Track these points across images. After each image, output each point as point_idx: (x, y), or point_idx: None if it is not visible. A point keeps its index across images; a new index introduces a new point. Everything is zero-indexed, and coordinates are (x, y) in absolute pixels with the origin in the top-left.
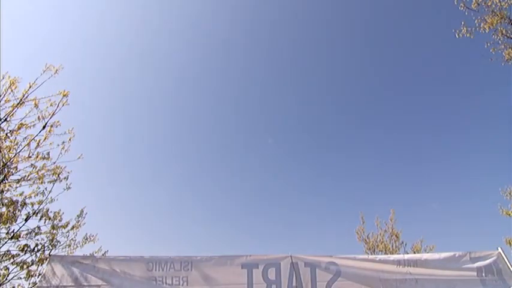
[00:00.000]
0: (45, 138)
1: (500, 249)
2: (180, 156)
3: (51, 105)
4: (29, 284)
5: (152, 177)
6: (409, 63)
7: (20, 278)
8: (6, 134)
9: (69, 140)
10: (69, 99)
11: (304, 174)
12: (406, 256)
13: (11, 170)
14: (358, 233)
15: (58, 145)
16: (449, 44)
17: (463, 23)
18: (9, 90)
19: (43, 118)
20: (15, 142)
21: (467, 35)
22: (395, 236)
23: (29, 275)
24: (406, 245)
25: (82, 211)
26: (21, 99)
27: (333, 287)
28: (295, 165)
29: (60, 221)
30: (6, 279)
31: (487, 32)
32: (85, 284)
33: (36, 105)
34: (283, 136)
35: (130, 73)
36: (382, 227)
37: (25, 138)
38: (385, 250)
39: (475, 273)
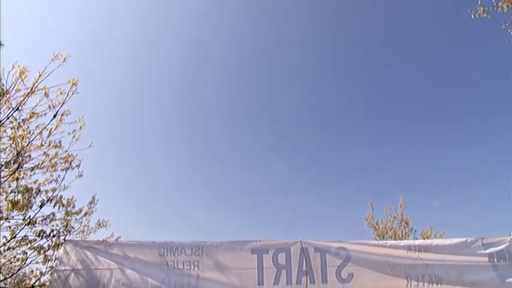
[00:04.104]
0: (56, 127)
1: None
2: (190, 144)
3: (60, 93)
4: (46, 268)
5: (162, 164)
6: (422, 50)
7: (38, 263)
8: (19, 123)
9: (80, 128)
10: (78, 88)
11: (314, 162)
12: (417, 242)
13: (25, 158)
14: (367, 220)
15: (69, 133)
16: (464, 27)
17: (479, 2)
18: (19, 80)
19: (54, 107)
20: (28, 131)
21: (484, 15)
22: (405, 222)
23: (46, 260)
24: (415, 231)
25: (94, 198)
26: (31, 89)
27: (343, 272)
28: (304, 153)
29: (73, 207)
30: (25, 263)
31: (505, 11)
32: (99, 267)
33: (46, 94)
34: (292, 126)
35: (139, 61)
36: (392, 214)
37: (37, 126)
38: (395, 236)
39: (487, 259)
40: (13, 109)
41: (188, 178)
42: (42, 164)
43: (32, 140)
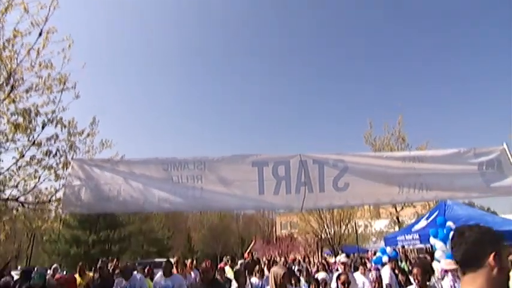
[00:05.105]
0: (43, 46)
1: (504, 145)
2: (187, 59)
3: (41, 8)
4: (59, 185)
5: (161, 81)
6: None
7: (50, 180)
8: (4, 44)
9: (69, 46)
10: (62, 3)
11: (316, 79)
12: (412, 153)
13: (18, 80)
14: (365, 137)
15: (58, 53)
16: None
17: None
18: None
19: (37, 24)
20: (14, 51)
21: None
22: (402, 139)
23: (58, 177)
24: (411, 147)
25: (94, 119)
26: (8, 2)
27: (340, 182)
28: (305, 68)
29: (75, 128)
30: (38, 180)
31: None
32: (108, 182)
33: (26, 9)
34: (295, 40)
35: None
36: (390, 131)
37: (22, 45)
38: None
39: (476, 167)
40: None
41: (188, 95)
42: (36, 86)
43: (21, 62)
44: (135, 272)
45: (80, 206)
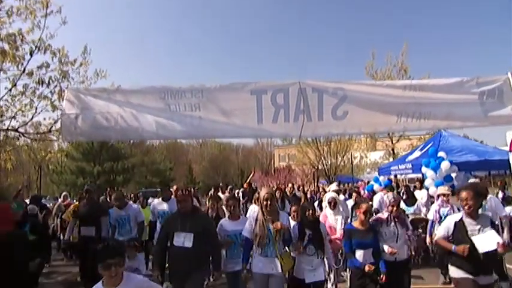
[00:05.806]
0: None
1: (509, 74)
2: None
3: None
4: (57, 116)
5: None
6: None
7: (48, 111)
8: None
9: None
10: None
11: (317, 5)
12: (414, 81)
13: None
14: (366, 68)
15: None
16: None
17: None
18: None
19: None
20: None
21: None
22: (404, 70)
23: (54, 108)
24: (413, 79)
25: (86, 48)
26: None
27: (338, 110)
28: None
29: (66, 57)
30: (36, 111)
31: None
32: (103, 111)
33: None
34: None
35: None
36: (392, 62)
37: None
38: None
39: (477, 97)
40: None
41: (184, 21)
42: (18, 10)
43: None
44: (131, 202)
45: (80, 134)
